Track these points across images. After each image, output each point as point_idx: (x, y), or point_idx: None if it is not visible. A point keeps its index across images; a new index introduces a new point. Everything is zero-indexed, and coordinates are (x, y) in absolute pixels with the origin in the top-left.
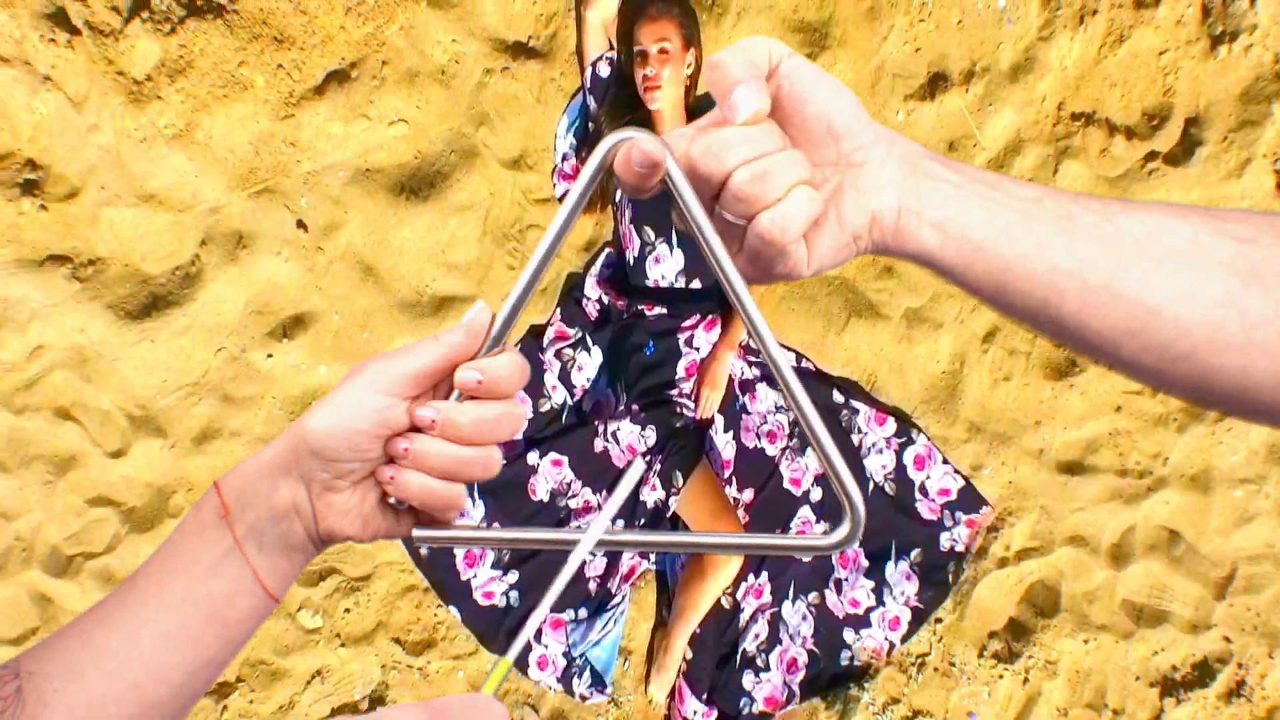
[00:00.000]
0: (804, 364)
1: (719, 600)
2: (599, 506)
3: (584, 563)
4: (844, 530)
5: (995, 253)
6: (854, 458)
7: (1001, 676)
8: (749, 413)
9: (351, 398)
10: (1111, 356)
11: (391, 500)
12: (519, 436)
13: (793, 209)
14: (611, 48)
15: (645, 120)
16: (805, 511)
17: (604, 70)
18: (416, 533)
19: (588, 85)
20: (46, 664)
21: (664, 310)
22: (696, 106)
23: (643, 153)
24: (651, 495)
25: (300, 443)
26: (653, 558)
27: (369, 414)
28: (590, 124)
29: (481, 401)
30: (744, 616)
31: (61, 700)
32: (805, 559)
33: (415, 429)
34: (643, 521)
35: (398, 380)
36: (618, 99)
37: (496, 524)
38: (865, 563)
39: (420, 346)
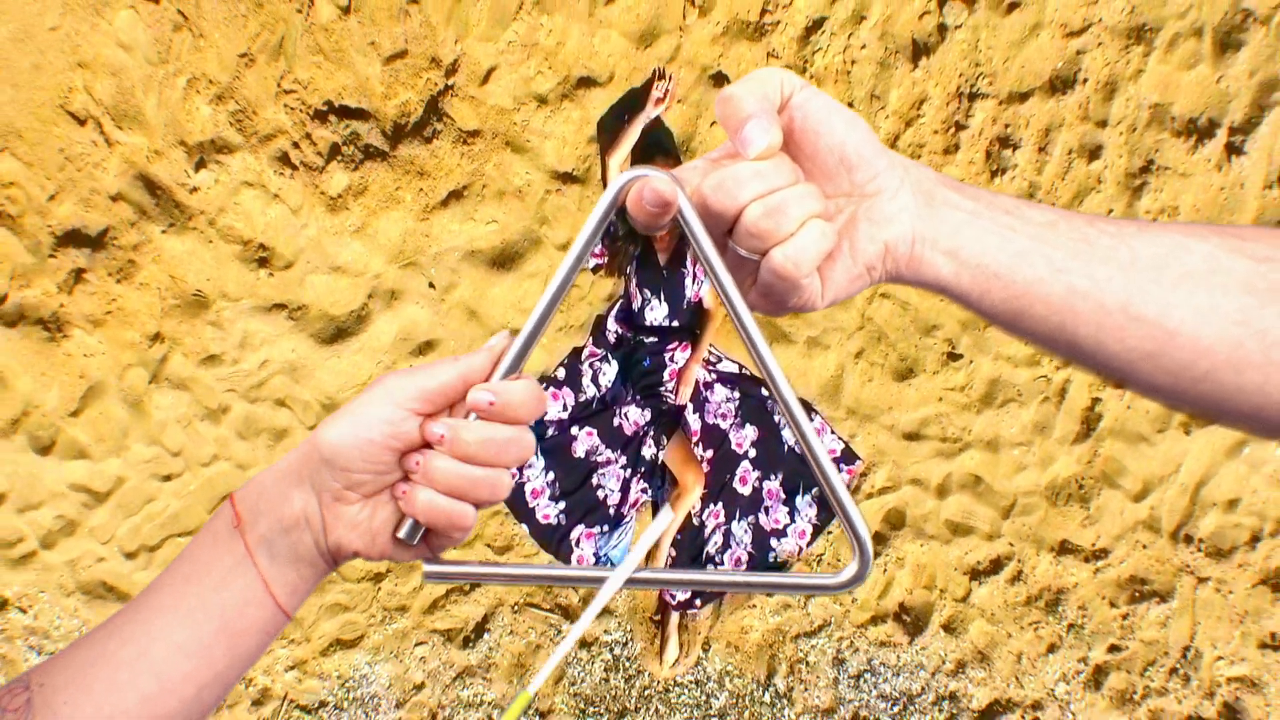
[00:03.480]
0: (744, 371)
1: (690, 519)
2: (614, 461)
3: (606, 495)
4: (852, 569)
5: (1010, 279)
6: (775, 431)
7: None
8: (709, 401)
9: (366, 409)
10: (1129, 378)
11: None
12: (564, 415)
13: (806, 243)
14: None
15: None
16: (745, 465)
17: None
18: (427, 568)
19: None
20: (58, 676)
21: (656, 339)
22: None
23: (654, 192)
24: (649, 451)
25: (313, 451)
26: (649, 492)
27: (381, 425)
28: (609, 226)
29: (493, 423)
30: (707, 530)
31: (71, 712)
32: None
33: (428, 446)
34: (643, 469)
35: (413, 395)
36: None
37: (553, 473)
38: (784, 495)
39: (439, 365)
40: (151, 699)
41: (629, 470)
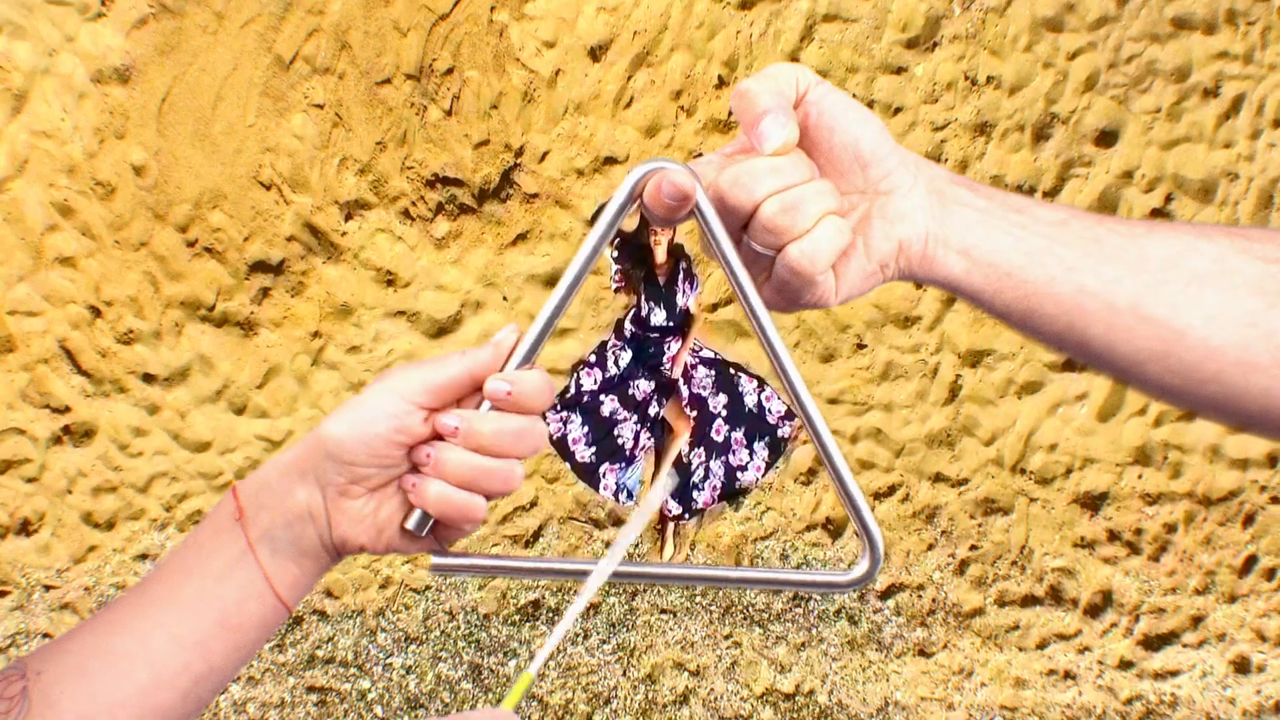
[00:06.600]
0: (718, 356)
1: (680, 457)
2: (630, 418)
3: (624, 442)
4: (863, 567)
5: (1022, 278)
6: (740, 398)
7: (804, 494)
8: (694, 378)
9: (371, 403)
10: (1138, 378)
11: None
12: (595, 388)
13: (822, 240)
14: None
15: (648, 261)
16: (719, 421)
17: (617, 242)
18: (435, 560)
19: (614, 241)
20: (55, 665)
21: (657, 335)
22: (677, 248)
23: (673, 185)
24: (653, 410)
25: (318, 445)
26: (653, 439)
27: (386, 418)
28: (615, 258)
29: (506, 414)
30: (692, 466)
31: (68, 702)
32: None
33: (439, 438)
34: (649, 423)
35: (418, 389)
36: (626, 244)
37: (587, 427)
38: (745, 442)
39: (446, 359)
40: (148, 691)
41: (639, 424)
